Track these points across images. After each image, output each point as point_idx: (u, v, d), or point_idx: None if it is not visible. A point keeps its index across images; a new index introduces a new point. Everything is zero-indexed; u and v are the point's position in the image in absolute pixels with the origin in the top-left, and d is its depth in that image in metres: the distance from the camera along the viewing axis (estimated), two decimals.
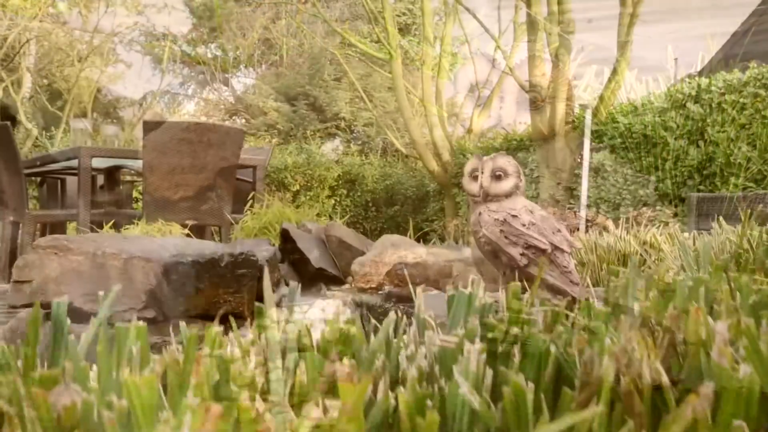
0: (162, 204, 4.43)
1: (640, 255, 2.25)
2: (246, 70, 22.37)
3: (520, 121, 15.72)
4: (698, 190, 8.43)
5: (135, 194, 10.17)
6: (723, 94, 8.20)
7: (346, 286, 2.71)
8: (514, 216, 1.64)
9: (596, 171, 10.22)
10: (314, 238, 2.83)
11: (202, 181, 4.57)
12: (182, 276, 2.00)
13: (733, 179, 7.91)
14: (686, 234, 2.30)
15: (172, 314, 1.97)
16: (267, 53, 20.78)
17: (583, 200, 9.66)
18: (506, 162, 1.70)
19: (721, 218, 2.08)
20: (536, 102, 10.80)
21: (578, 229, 9.41)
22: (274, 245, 2.72)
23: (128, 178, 6.40)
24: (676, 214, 8.75)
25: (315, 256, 2.66)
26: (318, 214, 3.45)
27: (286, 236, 2.74)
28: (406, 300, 2.47)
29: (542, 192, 10.87)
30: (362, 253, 2.80)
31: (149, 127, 4.39)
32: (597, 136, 10.28)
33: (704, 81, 8.62)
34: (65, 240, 1.98)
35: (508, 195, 1.69)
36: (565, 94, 10.43)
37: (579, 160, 10.66)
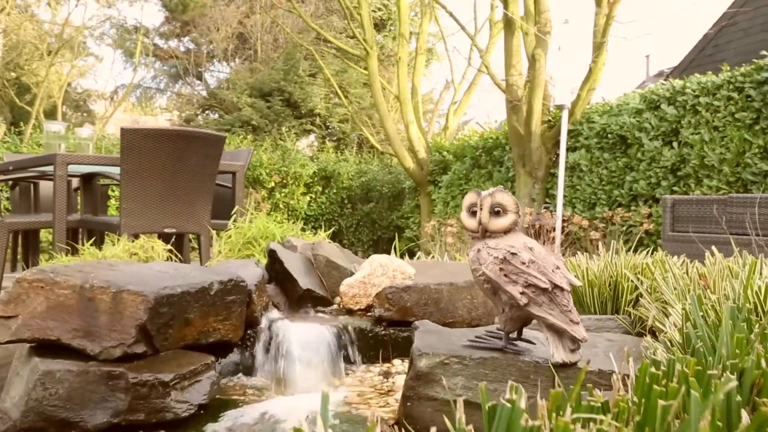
0: (140, 211, 4.36)
1: (631, 281, 2.26)
2: (220, 65, 22.14)
3: (496, 120, 15.75)
4: (672, 192, 8.51)
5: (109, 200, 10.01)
6: (697, 96, 8.27)
7: (334, 306, 2.67)
8: (513, 254, 1.62)
9: (572, 170, 10.28)
10: (301, 257, 2.80)
11: (182, 189, 4.50)
12: (173, 308, 1.95)
13: (706, 181, 7.99)
14: (676, 259, 2.30)
15: (162, 347, 1.93)
16: (241, 48, 20.58)
17: (560, 199, 9.72)
18: (505, 198, 1.68)
19: (713, 248, 2.08)
20: (512, 101, 10.83)
21: (554, 229, 9.48)
22: (260, 265, 2.68)
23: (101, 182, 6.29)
24: (650, 215, 8.84)
25: (303, 278, 2.63)
26: (303, 229, 3.40)
27: (273, 256, 2.70)
28: (398, 324, 2.45)
29: (519, 190, 10.91)
30: (350, 273, 2.77)
31: (128, 133, 4.31)
32: (573, 135, 10.34)
33: (678, 83, 8.69)
34: (51, 272, 1.93)
35: (506, 231, 1.67)
36: (541, 93, 10.47)
37: (554, 159, 10.72)
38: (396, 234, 15.38)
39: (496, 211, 1.68)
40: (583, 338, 1.61)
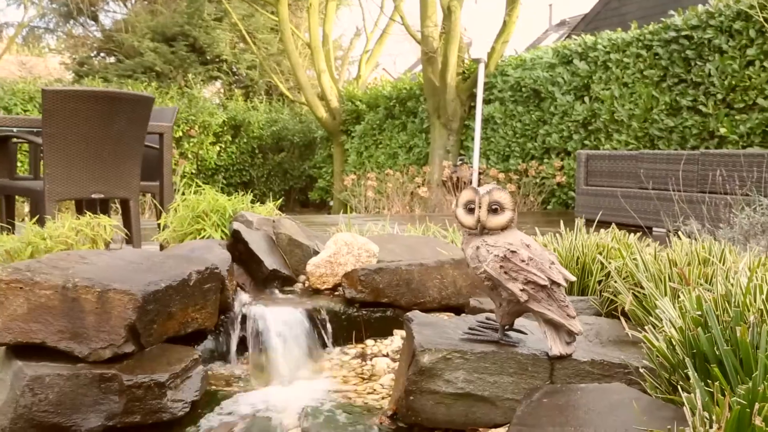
0: (66, 177, 4.17)
1: (600, 263, 2.37)
2: (116, 5, 21.00)
3: (411, 72, 15.75)
4: (583, 146, 8.84)
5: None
6: (608, 52, 8.54)
7: (299, 286, 2.67)
8: (513, 252, 1.67)
9: (486, 123, 10.48)
10: (263, 235, 2.77)
11: (110, 152, 4.33)
12: (158, 303, 1.91)
13: (616, 136, 8.33)
14: (649, 241, 2.42)
15: (147, 343, 1.89)
16: None
17: (476, 152, 9.90)
18: (503, 196, 1.72)
19: (680, 234, 2.20)
20: (428, 53, 10.85)
21: (471, 181, 9.68)
22: (222, 245, 2.64)
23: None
24: (562, 168, 9.16)
25: (267, 258, 2.61)
26: (252, 201, 3.35)
27: (237, 237, 2.66)
28: (370, 305, 2.49)
29: (433, 142, 11.04)
30: (312, 251, 2.77)
31: (50, 95, 4.09)
32: (487, 88, 10.50)
33: (590, 39, 8.94)
34: (28, 272, 1.84)
35: (503, 228, 1.72)
36: (456, 46, 10.53)
37: (468, 111, 10.87)
38: (308, 184, 15.33)
39: (494, 209, 1.72)
40: (579, 331, 1.69)
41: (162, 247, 4.51)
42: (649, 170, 6.53)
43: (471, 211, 1.75)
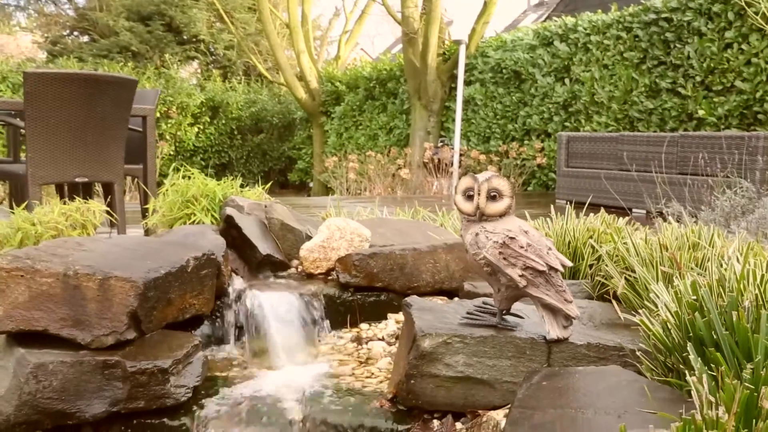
0: (49, 161, 4.14)
1: (592, 246, 2.41)
2: None
3: (387, 52, 15.69)
4: (564, 127, 8.90)
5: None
6: (588, 34, 8.59)
7: (293, 270, 2.69)
8: (512, 238, 1.71)
9: (466, 104, 10.50)
10: (255, 220, 2.77)
11: (93, 136, 4.29)
12: (158, 290, 1.92)
13: (596, 117, 8.40)
14: (638, 225, 2.46)
15: (147, 329, 1.90)
16: None
17: (457, 134, 9.93)
18: (501, 183, 1.75)
19: (671, 219, 2.24)
20: (408, 34, 10.83)
21: (452, 163, 9.72)
22: (214, 230, 2.65)
23: None
24: (542, 149, 9.23)
25: (261, 243, 2.62)
26: (242, 185, 3.35)
27: (230, 222, 2.67)
28: (364, 289, 2.51)
29: (414, 123, 11.05)
30: (304, 235, 2.79)
31: (32, 78, 4.04)
32: (468, 69, 10.51)
33: (571, 20, 8.97)
34: (28, 259, 1.84)
35: (502, 215, 1.75)
36: (437, 26, 10.52)
37: (449, 92, 10.89)
38: (288, 165, 15.28)
39: (493, 196, 1.75)
40: (576, 316, 1.74)
41: (147, 232, 4.50)
42: (629, 152, 6.61)
43: (470, 198, 1.77)
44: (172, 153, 13.42)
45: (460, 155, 9.78)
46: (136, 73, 13.83)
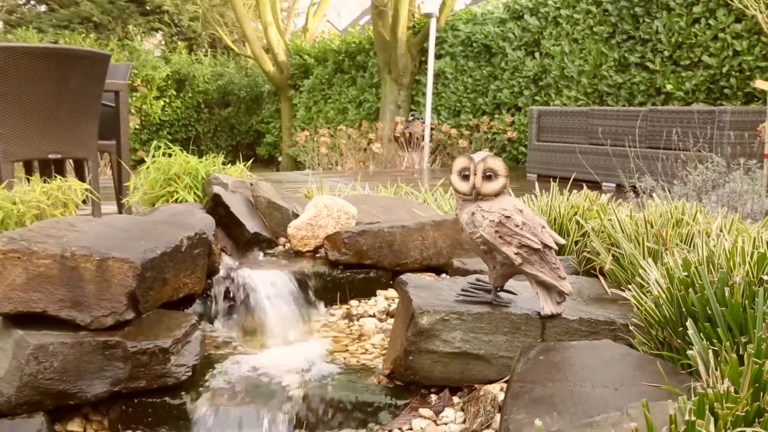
0: (20, 137, 4.08)
1: (577, 222, 2.47)
2: None
3: (355, 24, 15.55)
4: (534, 101, 8.97)
5: None
6: (558, 8, 8.63)
7: (280, 248, 2.71)
8: (507, 217, 1.75)
9: (437, 78, 10.51)
10: (242, 199, 2.78)
11: (66, 111, 4.23)
12: (154, 270, 1.93)
13: (566, 91, 8.48)
14: (620, 201, 2.52)
15: (144, 309, 1.91)
16: None
17: (428, 108, 9.94)
18: (496, 163, 1.78)
19: (654, 196, 2.30)
20: (378, 6, 10.76)
21: (423, 137, 9.75)
22: (203, 208, 2.65)
23: None
24: (513, 123, 9.29)
25: (249, 221, 2.63)
26: (224, 163, 3.34)
27: (217, 201, 2.67)
28: (354, 267, 2.54)
29: (384, 97, 11.03)
30: (291, 213, 2.80)
31: (2, 52, 3.97)
32: (438, 43, 10.50)
33: None
34: (23, 241, 1.83)
35: (497, 194, 1.79)
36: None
37: (419, 66, 10.87)
38: (256, 139, 15.16)
39: (488, 176, 1.79)
40: (570, 292, 1.79)
41: (120, 210, 4.46)
42: (600, 126, 6.70)
43: (466, 177, 1.81)
44: (138, 127, 13.24)
45: (431, 129, 9.80)
46: (99, 45, 13.56)
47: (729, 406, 0.91)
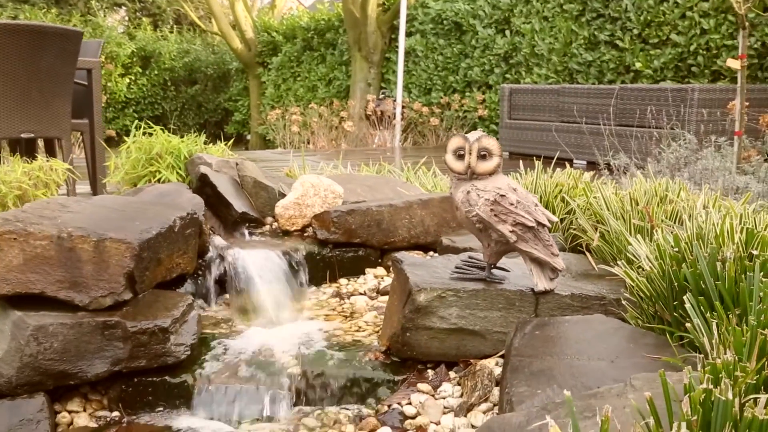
0: None
1: (563, 200, 2.52)
2: None
3: (323, 2, 15.41)
4: (504, 79, 9.02)
5: None
6: None
7: (268, 227, 2.72)
8: (502, 195, 1.78)
9: (407, 55, 10.49)
10: (228, 179, 2.78)
11: (38, 90, 4.16)
12: (150, 251, 1.93)
13: (536, 69, 8.54)
14: (603, 178, 2.58)
15: (140, 290, 1.92)
16: None
17: (399, 86, 9.93)
18: (491, 143, 1.82)
19: (639, 174, 2.36)
20: None
21: (395, 115, 9.75)
22: (191, 189, 2.65)
23: None
24: (484, 101, 9.34)
25: (236, 201, 2.63)
26: (205, 142, 3.33)
27: (204, 180, 2.67)
28: (343, 245, 2.57)
29: (354, 75, 10.99)
30: (277, 192, 2.81)
31: None
32: (408, 20, 10.47)
33: None
34: (18, 222, 1.82)
35: (491, 173, 1.83)
36: None
37: (389, 43, 10.84)
38: (224, 118, 15.00)
39: (483, 155, 1.82)
40: (562, 268, 1.84)
41: (95, 190, 4.42)
42: (571, 104, 6.78)
43: (461, 157, 1.84)
44: (103, 105, 13.00)
45: (403, 107, 9.81)
46: (61, 21, 13.28)
47: (740, 375, 0.96)
